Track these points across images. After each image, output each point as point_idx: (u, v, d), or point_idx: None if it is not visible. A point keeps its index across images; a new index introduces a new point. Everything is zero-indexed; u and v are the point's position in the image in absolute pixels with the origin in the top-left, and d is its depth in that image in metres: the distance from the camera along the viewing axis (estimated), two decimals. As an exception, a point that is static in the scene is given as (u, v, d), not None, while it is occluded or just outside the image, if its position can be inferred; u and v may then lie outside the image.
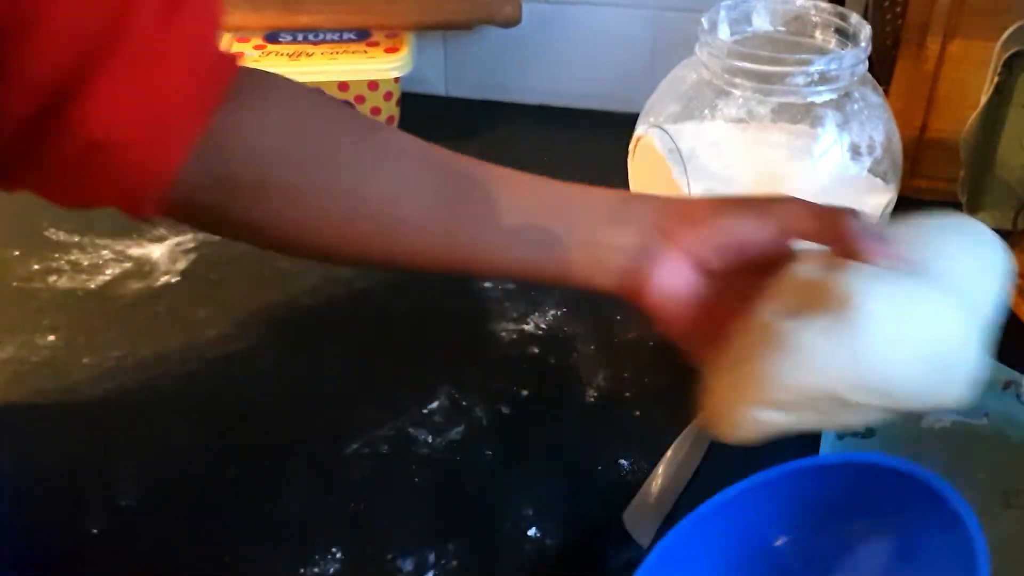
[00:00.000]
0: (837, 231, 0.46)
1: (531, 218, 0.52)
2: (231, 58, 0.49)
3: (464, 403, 0.63)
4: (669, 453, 0.58)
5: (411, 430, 0.61)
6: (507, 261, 0.52)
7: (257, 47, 0.89)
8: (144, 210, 0.47)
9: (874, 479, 0.44)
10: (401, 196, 0.52)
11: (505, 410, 0.62)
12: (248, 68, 0.51)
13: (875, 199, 0.68)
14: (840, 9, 0.68)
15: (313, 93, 0.54)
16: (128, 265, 0.75)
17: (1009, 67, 0.71)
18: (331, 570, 0.53)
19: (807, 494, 0.46)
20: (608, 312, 0.70)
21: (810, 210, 0.47)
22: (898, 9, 0.80)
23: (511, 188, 0.53)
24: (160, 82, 0.44)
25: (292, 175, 0.50)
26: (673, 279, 0.48)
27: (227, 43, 0.89)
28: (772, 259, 0.48)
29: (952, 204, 0.78)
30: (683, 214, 0.49)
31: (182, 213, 0.50)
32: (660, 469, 0.57)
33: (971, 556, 0.39)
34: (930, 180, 0.80)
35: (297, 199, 0.50)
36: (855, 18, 0.67)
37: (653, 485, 0.56)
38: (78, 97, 0.41)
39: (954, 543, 0.40)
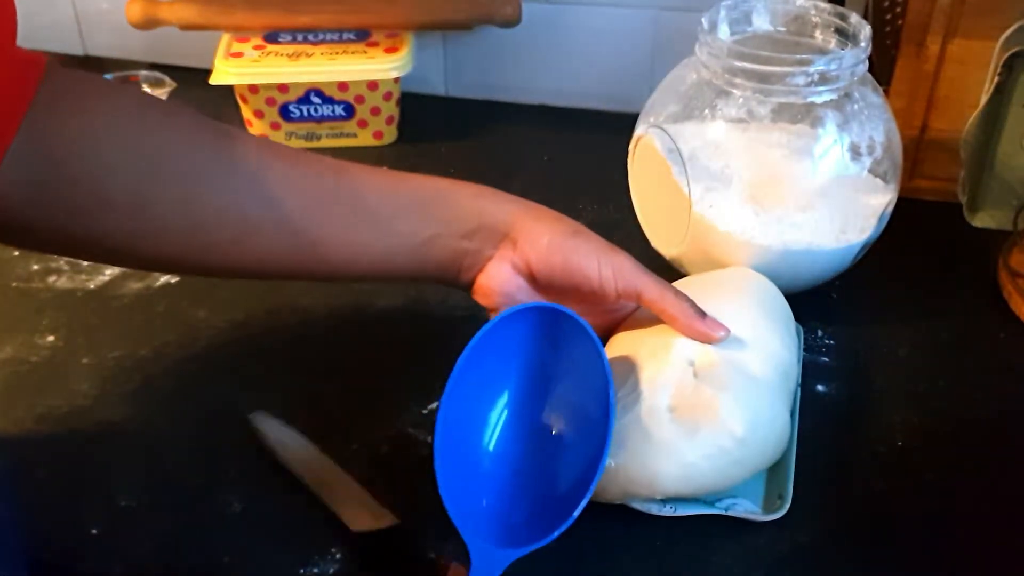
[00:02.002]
0: (670, 314, 0.54)
1: (395, 222, 0.54)
2: (36, 58, 0.46)
3: (464, 403, 0.63)
4: None
5: (411, 430, 0.61)
6: (364, 263, 0.55)
7: (257, 47, 0.89)
8: None
9: (539, 321, 0.53)
10: (246, 202, 0.51)
11: (505, 410, 0.62)
12: (65, 71, 0.48)
13: (875, 199, 0.68)
14: (840, 9, 0.68)
15: (141, 96, 0.52)
16: (128, 265, 0.75)
17: (1009, 67, 0.71)
18: (331, 570, 0.53)
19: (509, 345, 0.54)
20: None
21: (656, 290, 0.54)
22: (898, 9, 0.80)
23: (376, 191, 0.54)
24: None
25: (126, 184, 0.48)
26: (501, 279, 0.56)
27: (227, 43, 0.89)
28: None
29: (952, 204, 0.78)
30: (536, 234, 0.54)
31: (6, 232, 0.48)
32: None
33: (600, 362, 0.52)
34: (930, 180, 0.80)
35: (133, 209, 0.49)
36: (855, 18, 0.67)
37: None
38: None
39: (589, 356, 0.52)
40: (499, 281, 0.56)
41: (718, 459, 0.52)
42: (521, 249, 0.55)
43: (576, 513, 0.49)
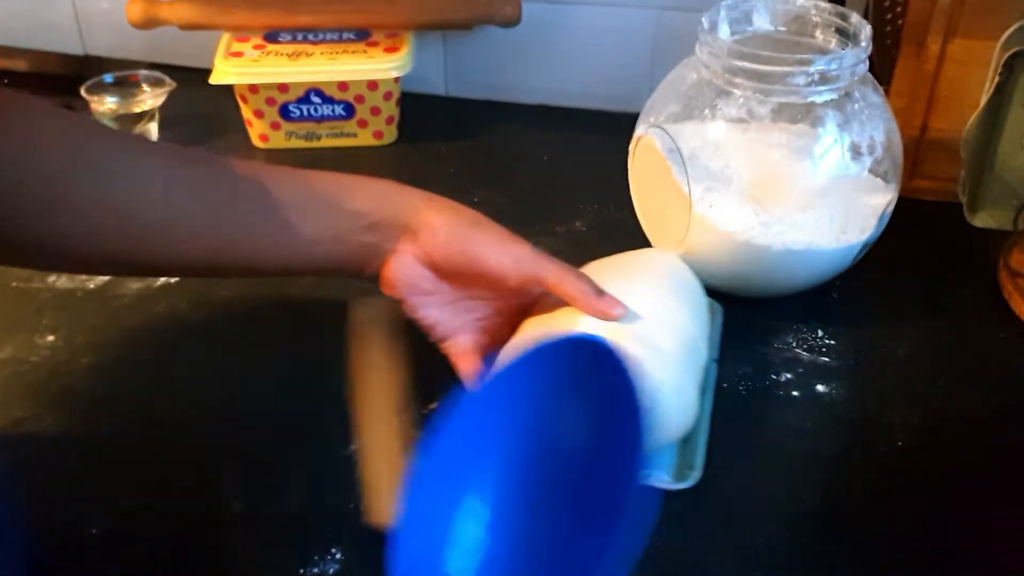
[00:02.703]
0: (571, 295, 0.55)
1: (301, 218, 0.56)
2: None
3: (464, 403, 0.63)
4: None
5: (411, 430, 0.61)
6: (274, 258, 0.57)
7: (257, 47, 0.89)
8: None
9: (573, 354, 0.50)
10: (152, 205, 0.52)
11: (505, 410, 0.62)
12: None
13: (875, 199, 0.68)
14: (840, 9, 0.68)
15: (56, 108, 0.53)
16: (128, 265, 0.75)
17: (1009, 67, 0.72)
18: (331, 570, 0.53)
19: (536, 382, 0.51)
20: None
21: (556, 274, 0.55)
22: (898, 9, 0.80)
23: (281, 188, 0.56)
24: None
25: (62, 189, 0.50)
26: (405, 271, 0.57)
27: (227, 43, 0.89)
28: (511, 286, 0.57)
29: (952, 204, 0.78)
30: (435, 226, 0.56)
31: None
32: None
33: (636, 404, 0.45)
34: (930, 180, 0.80)
35: (71, 211, 0.50)
36: (855, 18, 0.67)
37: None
38: None
39: (624, 389, 0.46)
40: (403, 273, 0.57)
41: None
42: (421, 241, 0.57)
43: None
